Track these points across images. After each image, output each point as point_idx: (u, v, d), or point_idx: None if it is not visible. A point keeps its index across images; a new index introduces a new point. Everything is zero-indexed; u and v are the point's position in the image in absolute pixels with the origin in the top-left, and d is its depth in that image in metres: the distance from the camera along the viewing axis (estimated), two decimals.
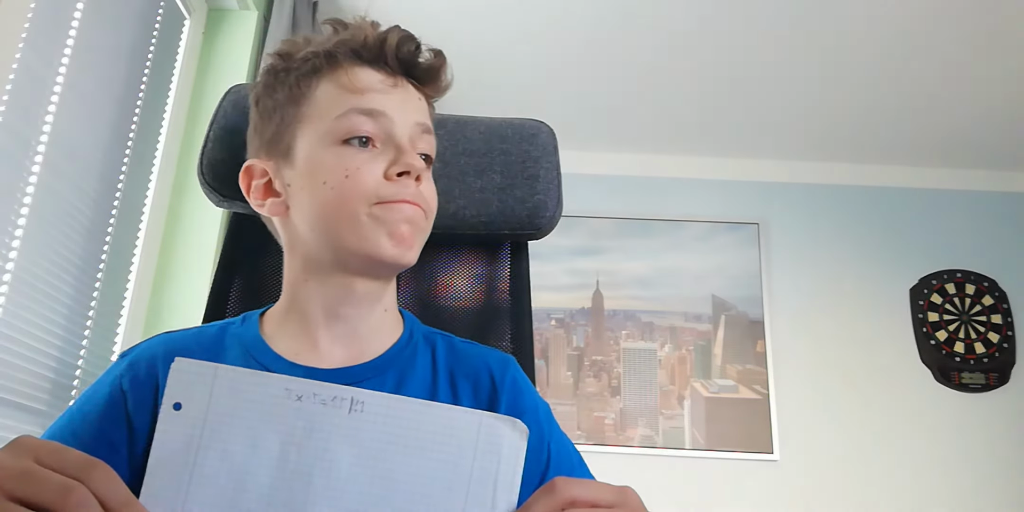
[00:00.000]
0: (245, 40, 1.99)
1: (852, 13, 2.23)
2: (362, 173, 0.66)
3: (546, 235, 0.92)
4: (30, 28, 1.29)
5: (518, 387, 0.73)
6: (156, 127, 1.77)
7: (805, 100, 2.70)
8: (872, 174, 3.12)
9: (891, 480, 2.71)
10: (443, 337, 0.77)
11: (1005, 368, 2.87)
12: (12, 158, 1.28)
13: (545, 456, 0.71)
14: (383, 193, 0.66)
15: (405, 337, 0.74)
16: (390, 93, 0.70)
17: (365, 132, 0.67)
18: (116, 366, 0.69)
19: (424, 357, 0.73)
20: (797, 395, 2.81)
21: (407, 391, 0.69)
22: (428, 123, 0.72)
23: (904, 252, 3.01)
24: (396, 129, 0.68)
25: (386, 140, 0.68)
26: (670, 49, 2.45)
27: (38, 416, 1.37)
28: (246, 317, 0.74)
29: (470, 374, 0.72)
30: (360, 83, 0.69)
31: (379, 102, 0.69)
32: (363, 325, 0.71)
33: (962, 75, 2.51)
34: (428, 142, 0.72)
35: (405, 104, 0.71)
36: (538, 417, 0.73)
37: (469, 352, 0.75)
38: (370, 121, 0.68)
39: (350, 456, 0.45)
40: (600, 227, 3.04)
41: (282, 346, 0.70)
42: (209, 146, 0.87)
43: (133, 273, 1.68)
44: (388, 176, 0.67)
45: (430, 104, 0.76)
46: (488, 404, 0.71)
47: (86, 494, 0.40)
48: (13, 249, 1.28)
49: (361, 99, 0.68)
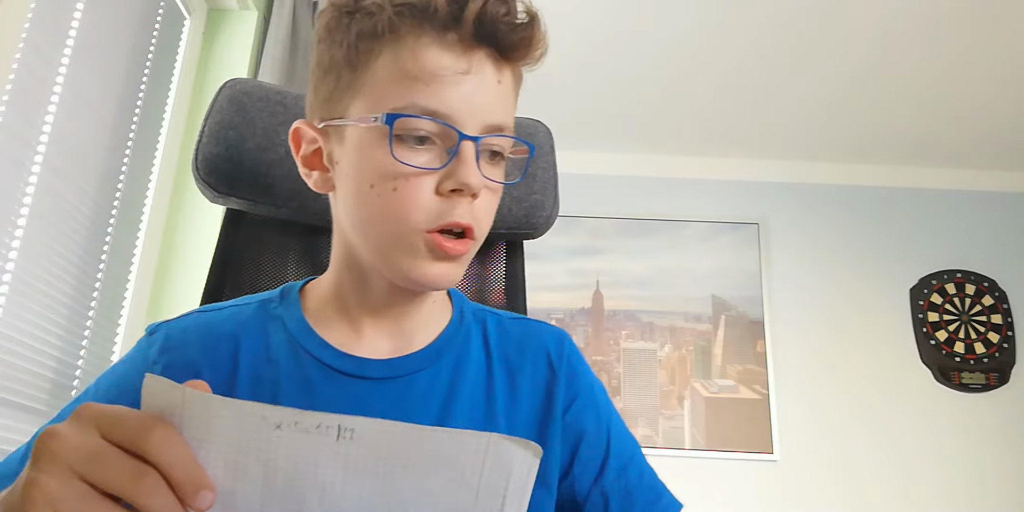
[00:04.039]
0: (245, 40, 1.99)
1: (852, 13, 2.23)
2: (411, 189, 0.57)
3: (543, 234, 0.92)
4: (30, 28, 1.29)
5: (574, 368, 0.70)
6: (156, 127, 1.77)
7: (805, 100, 2.70)
8: (872, 174, 3.12)
9: (891, 480, 2.71)
10: (492, 314, 0.73)
11: (1005, 368, 2.87)
12: (12, 158, 1.28)
13: (605, 440, 0.69)
14: (431, 217, 0.58)
15: (456, 319, 0.70)
16: (460, 83, 0.57)
17: (423, 133, 0.58)
18: (145, 345, 0.65)
19: (476, 338, 0.69)
20: (797, 395, 2.81)
21: (464, 380, 0.66)
22: (503, 119, 0.60)
23: (904, 252, 3.01)
24: (460, 133, 0.57)
25: (447, 140, 0.58)
26: (670, 49, 2.45)
27: (38, 416, 1.37)
28: (285, 293, 0.69)
29: (526, 356, 0.69)
30: (424, 68, 0.57)
31: (444, 98, 0.57)
32: (410, 320, 0.67)
33: (962, 75, 2.51)
34: (503, 141, 0.61)
35: (477, 97, 0.58)
36: (595, 399, 0.70)
37: (523, 330, 0.71)
38: (430, 122, 0.57)
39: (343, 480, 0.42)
40: (600, 227, 3.04)
41: (327, 331, 0.65)
42: (204, 141, 0.85)
43: (133, 273, 1.68)
44: (440, 191, 0.58)
45: (517, 73, 0.63)
46: (548, 385, 0.68)
47: (156, 480, 0.38)
48: (13, 249, 1.28)
49: (423, 92, 0.57)
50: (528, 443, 0.42)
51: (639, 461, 0.71)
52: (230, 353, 0.64)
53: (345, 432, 0.41)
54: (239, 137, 0.86)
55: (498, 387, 0.67)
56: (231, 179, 0.86)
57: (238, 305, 0.69)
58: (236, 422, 0.42)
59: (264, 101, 0.89)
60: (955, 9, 2.19)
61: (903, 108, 2.72)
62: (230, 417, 0.42)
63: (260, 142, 0.86)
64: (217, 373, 0.63)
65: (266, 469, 0.42)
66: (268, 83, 0.93)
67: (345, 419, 0.42)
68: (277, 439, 0.41)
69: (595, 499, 0.67)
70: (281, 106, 0.89)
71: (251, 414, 0.42)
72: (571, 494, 0.67)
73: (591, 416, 0.69)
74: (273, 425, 0.41)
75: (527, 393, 0.68)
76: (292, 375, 0.63)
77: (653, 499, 0.69)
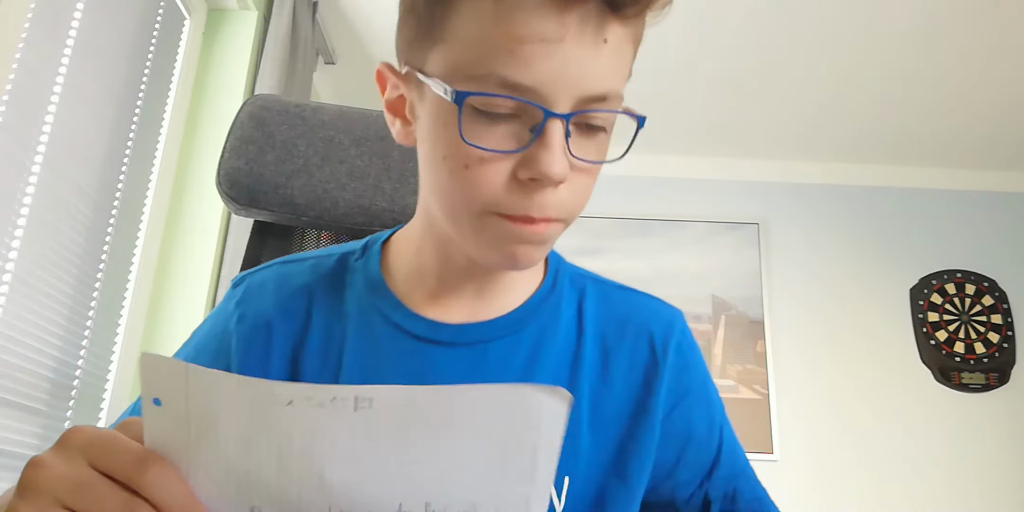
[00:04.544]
0: (245, 40, 1.99)
1: (853, 14, 2.23)
2: (484, 171, 0.49)
3: None
4: (30, 28, 1.29)
5: (684, 359, 0.63)
6: (156, 127, 1.77)
7: (806, 100, 2.70)
8: (872, 174, 3.12)
9: (891, 480, 2.70)
10: (595, 282, 0.65)
11: (1005, 368, 2.86)
12: (12, 158, 1.28)
13: (717, 442, 0.64)
14: (502, 203, 0.50)
15: (548, 284, 0.63)
16: (557, 49, 0.47)
17: (506, 109, 0.49)
18: (229, 297, 0.64)
19: (569, 309, 0.62)
20: (797, 395, 2.81)
21: (547, 355, 0.60)
22: (606, 87, 0.50)
23: (904, 252, 3.01)
24: (545, 111, 0.48)
25: (531, 117, 0.49)
26: (670, 49, 2.45)
27: (38, 416, 1.37)
28: (368, 245, 0.65)
29: (628, 332, 0.62)
30: (509, 32, 0.47)
31: (531, 69, 0.47)
32: (492, 284, 0.61)
33: (962, 75, 2.51)
34: (603, 116, 0.52)
35: (571, 66, 0.47)
36: (709, 398, 0.64)
37: (627, 304, 0.64)
38: (509, 101, 0.48)
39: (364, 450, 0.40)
40: (600, 227, 3.04)
41: (403, 289, 0.61)
42: (226, 156, 0.91)
43: (133, 273, 1.68)
44: (518, 177, 0.49)
45: (632, 27, 0.52)
46: (647, 373, 0.61)
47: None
48: (13, 249, 1.28)
49: (506, 61, 0.47)
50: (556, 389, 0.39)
51: (749, 470, 0.66)
52: (304, 306, 0.61)
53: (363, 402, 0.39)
54: (259, 150, 0.90)
55: (586, 367, 0.60)
56: (252, 191, 0.90)
57: (320, 256, 0.65)
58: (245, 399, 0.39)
59: (283, 115, 0.93)
60: (957, 9, 2.19)
61: (903, 108, 2.72)
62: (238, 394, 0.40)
63: (279, 154, 0.90)
64: (290, 325, 0.61)
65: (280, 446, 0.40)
66: (287, 98, 0.98)
67: (361, 390, 0.39)
68: (290, 415, 0.39)
69: (696, 502, 0.63)
70: (299, 119, 0.93)
71: (260, 391, 0.39)
72: (671, 496, 0.63)
73: (702, 417, 0.64)
74: (284, 401, 0.39)
75: (621, 380, 0.61)
76: (360, 333, 0.60)
77: (759, 510, 0.64)
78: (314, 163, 0.91)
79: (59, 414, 1.43)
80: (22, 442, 1.32)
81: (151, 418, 0.40)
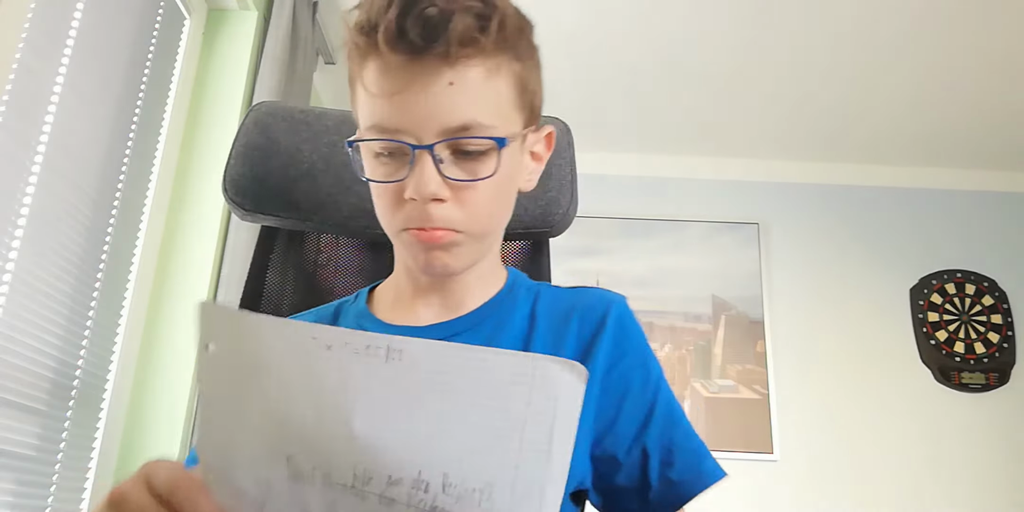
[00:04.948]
0: (245, 40, 1.99)
1: (852, 13, 2.23)
2: (386, 197, 0.64)
3: (562, 232, 0.93)
4: (30, 28, 1.29)
5: (622, 328, 0.70)
6: (156, 127, 1.77)
7: (806, 100, 2.70)
8: (872, 174, 3.12)
9: (891, 480, 2.70)
10: (549, 287, 0.75)
11: (1005, 368, 2.87)
12: (12, 158, 1.28)
13: (651, 398, 0.68)
14: (403, 219, 0.63)
15: (504, 291, 0.73)
16: (408, 97, 0.59)
17: (384, 149, 0.62)
18: None
19: (524, 307, 0.72)
20: (797, 395, 2.81)
21: (500, 342, 0.69)
22: (465, 119, 0.60)
23: (904, 252, 3.01)
24: (413, 144, 0.60)
25: (406, 152, 0.61)
26: (670, 49, 2.45)
27: (38, 416, 1.37)
28: (358, 294, 0.77)
29: (574, 314, 0.70)
30: (372, 88, 0.61)
31: (391, 114, 0.60)
32: (452, 295, 0.71)
33: (962, 75, 2.51)
34: (477, 141, 0.61)
35: (420, 108, 0.60)
36: (646, 362, 0.70)
37: (575, 296, 0.73)
38: (383, 142, 0.62)
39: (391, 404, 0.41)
40: (600, 227, 3.04)
41: (385, 313, 0.73)
42: (231, 163, 0.91)
43: (133, 273, 1.68)
44: (404, 198, 0.62)
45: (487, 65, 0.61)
46: (590, 341, 0.69)
47: None
48: (13, 249, 1.28)
49: (376, 111, 0.61)
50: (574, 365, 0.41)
51: (686, 424, 0.70)
52: None
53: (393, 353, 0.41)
54: (263, 156, 0.91)
55: (537, 350, 0.68)
56: (258, 197, 0.91)
57: (320, 309, 0.77)
58: (289, 343, 0.42)
59: (288, 121, 0.94)
60: (957, 9, 2.19)
61: (903, 108, 2.72)
62: (283, 338, 0.42)
63: (284, 160, 0.91)
64: None
65: (317, 392, 0.42)
66: (292, 104, 0.99)
67: (395, 340, 0.42)
68: (327, 360, 0.42)
69: (635, 455, 0.67)
70: (304, 124, 0.94)
71: (303, 335, 0.42)
72: (612, 451, 0.67)
73: (639, 376, 0.69)
74: (324, 345, 0.42)
75: (570, 354, 0.68)
76: None
77: (695, 461, 0.68)
78: (319, 168, 0.91)
79: (59, 414, 1.43)
80: (22, 442, 1.32)
81: (204, 364, 0.44)
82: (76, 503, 1.50)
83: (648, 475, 0.66)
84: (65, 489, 1.45)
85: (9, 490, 1.28)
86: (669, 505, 0.67)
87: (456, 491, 0.41)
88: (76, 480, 1.51)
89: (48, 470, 1.40)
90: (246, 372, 0.43)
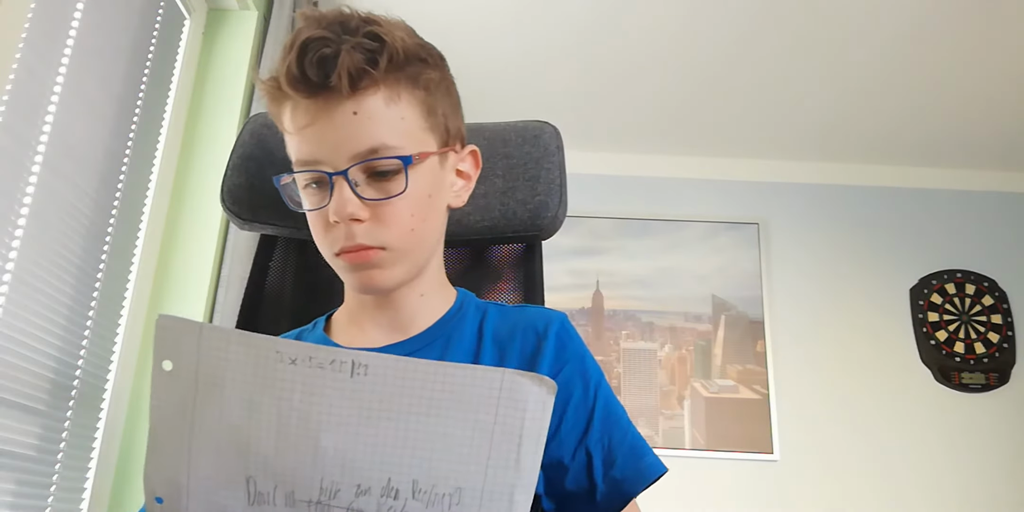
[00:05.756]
0: (245, 40, 1.99)
1: (852, 13, 2.23)
2: (316, 224, 0.70)
3: (552, 235, 0.93)
4: (30, 28, 1.29)
5: (561, 341, 0.73)
6: (156, 127, 1.77)
7: (805, 100, 2.70)
8: (872, 174, 3.11)
9: (891, 480, 2.70)
10: (497, 306, 0.79)
11: (1005, 368, 2.86)
12: (12, 158, 1.28)
13: (591, 403, 0.71)
14: (332, 243, 0.68)
15: (453, 310, 0.76)
16: (317, 130, 0.66)
17: (310, 180, 0.69)
18: None
19: (472, 325, 0.75)
20: (797, 395, 2.81)
21: (451, 359, 0.71)
22: (374, 142, 0.66)
23: (904, 252, 3.01)
24: (330, 171, 0.66)
25: (324, 180, 0.67)
26: (670, 49, 2.45)
27: (38, 416, 1.37)
28: (316, 321, 0.81)
29: (517, 331, 0.74)
30: (289, 125, 0.69)
31: (309, 145, 0.67)
32: (400, 314, 0.74)
33: (962, 75, 2.51)
34: (386, 162, 0.66)
35: (331, 137, 0.66)
36: (585, 367, 0.73)
37: (519, 314, 0.76)
38: (307, 170, 0.68)
39: (358, 419, 0.41)
40: (600, 227, 3.04)
41: (341, 336, 0.76)
42: (229, 173, 0.93)
43: (133, 273, 1.68)
44: (331, 222, 0.67)
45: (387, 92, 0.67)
46: (532, 355, 0.72)
47: None
48: (13, 249, 1.28)
49: (295, 147, 0.69)
50: (543, 379, 0.42)
51: (625, 424, 0.73)
52: None
53: (359, 368, 0.42)
54: (259, 167, 0.92)
55: (485, 362, 0.71)
56: (254, 206, 0.92)
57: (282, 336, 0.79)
58: (252, 357, 0.42)
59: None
60: (957, 9, 2.19)
61: (903, 108, 2.72)
62: (246, 352, 0.42)
63: (279, 169, 0.94)
64: None
65: (281, 407, 0.42)
66: None
67: (360, 355, 0.42)
68: (292, 374, 0.42)
69: (580, 458, 0.69)
70: None
71: (266, 348, 0.42)
72: (559, 456, 0.69)
73: (579, 382, 0.72)
74: (288, 360, 0.42)
75: (514, 367, 0.71)
76: None
77: (635, 458, 0.71)
78: None
79: (59, 414, 1.43)
80: (22, 442, 1.32)
81: (160, 384, 0.43)
82: (76, 503, 1.50)
83: (593, 476, 0.69)
84: (65, 489, 1.45)
85: (9, 490, 1.28)
86: (616, 504, 0.69)
87: (426, 497, 0.41)
88: (76, 480, 1.51)
89: (48, 470, 1.40)
90: (205, 389, 0.42)
